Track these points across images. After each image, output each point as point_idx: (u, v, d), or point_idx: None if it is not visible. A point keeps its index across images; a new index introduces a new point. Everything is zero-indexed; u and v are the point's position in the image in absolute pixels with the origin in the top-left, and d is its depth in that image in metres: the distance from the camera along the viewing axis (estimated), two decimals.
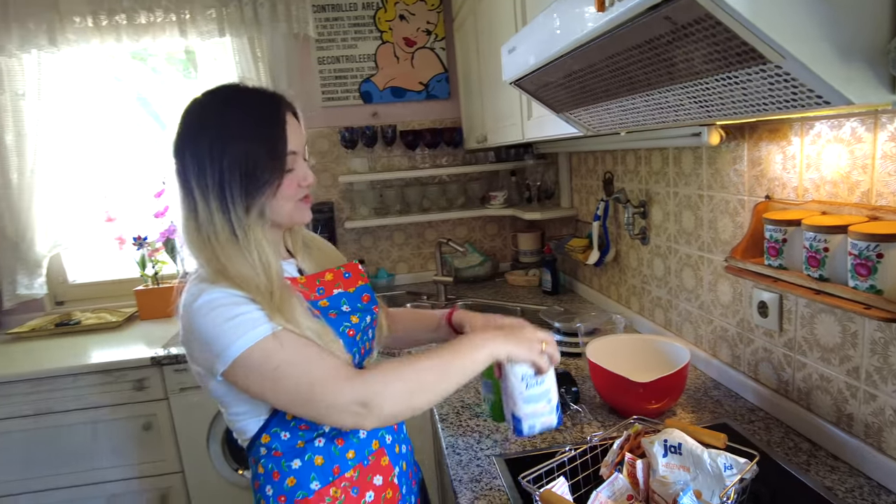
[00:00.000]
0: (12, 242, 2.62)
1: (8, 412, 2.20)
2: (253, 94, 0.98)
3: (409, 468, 1.15)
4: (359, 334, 1.06)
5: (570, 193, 2.47)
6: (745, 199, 1.32)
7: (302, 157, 1.01)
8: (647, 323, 1.85)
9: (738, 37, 0.54)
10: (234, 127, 0.93)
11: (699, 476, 0.92)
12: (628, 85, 0.80)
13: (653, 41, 0.64)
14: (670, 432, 0.98)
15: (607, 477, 1.00)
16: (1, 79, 2.48)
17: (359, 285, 1.12)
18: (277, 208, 0.97)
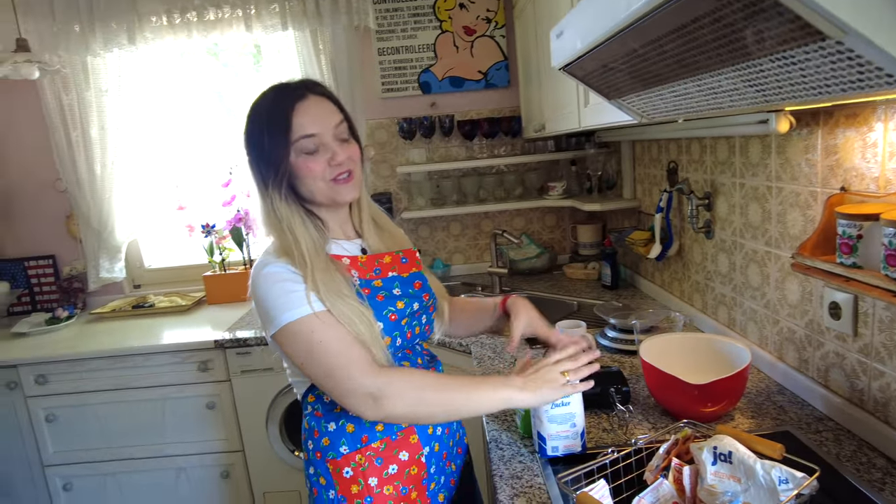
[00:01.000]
0: (95, 230, 2.81)
1: (93, 386, 2.37)
2: (277, 87, 1.09)
3: (444, 450, 1.18)
4: (403, 319, 1.12)
5: (633, 183, 2.38)
6: (817, 190, 1.22)
7: (334, 136, 1.07)
8: (710, 321, 1.75)
9: (792, 11, 0.49)
10: (255, 119, 1.07)
11: (751, 488, 0.86)
12: (678, 69, 0.75)
13: (699, 20, 0.59)
14: (721, 439, 0.92)
15: (651, 482, 0.96)
16: (87, 76, 2.65)
17: (412, 271, 1.20)
18: (309, 187, 1.07)
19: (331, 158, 1.06)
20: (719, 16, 0.56)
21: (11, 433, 2.44)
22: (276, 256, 1.05)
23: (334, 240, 1.15)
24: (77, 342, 2.45)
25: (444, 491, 1.18)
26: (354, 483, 1.08)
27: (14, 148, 2.88)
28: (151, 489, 2.47)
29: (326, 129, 1.06)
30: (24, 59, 2.30)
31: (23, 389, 2.39)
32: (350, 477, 1.09)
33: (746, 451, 0.89)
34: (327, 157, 1.06)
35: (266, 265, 1.04)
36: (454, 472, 1.22)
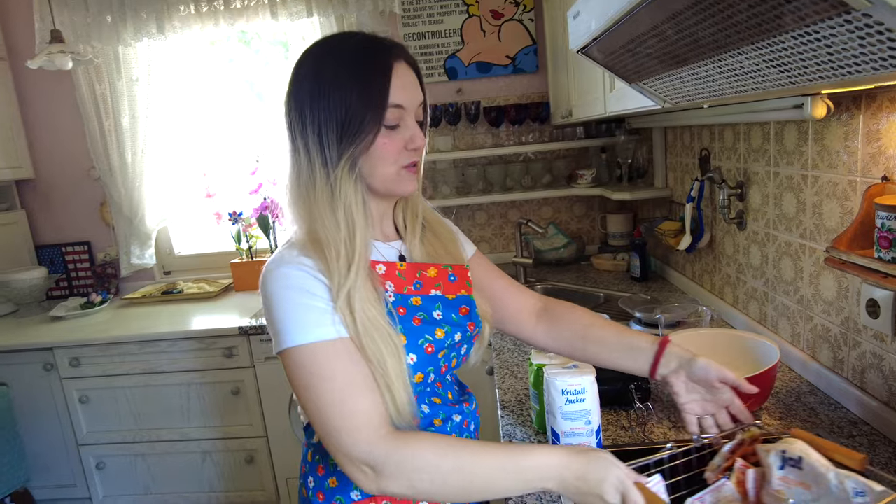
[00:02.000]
0: (127, 217, 2.87)
1: (123, 369, 2.43)
2: (358, 39, 0.89)
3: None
4: (441, 351, 0.93)
5: (665, 172, 2.29)
6: (856, 180, 1.14)
7: (414, 116, 0.90)
8: (741, 317, 1.68)
9: None
10: (332, 73, 0.85)
11: (822, 498, 0.80)
12: (696, 48, 0.70)
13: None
14: (791, 443, 0.85)
15: (712, 482, 0.91)
16: (119, 66, 2.69)
17: (460, 294, 0.98)
18: (376, 169, 0.88)
19: (409, 141, 0.88)
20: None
21: (49, 413, 2.53)
22: (302, 251, 0.86)
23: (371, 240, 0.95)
24: (109, 327, 2.51)
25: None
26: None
27: (52, 137, 2.96)
28: (179, 471, 2.53)
29: (412, 104, 0.88)
30: (58, 49, 2.35)
31: (58, 371, 2.47)
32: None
33: (819, 457, 0.82)
34: (406, 137, 0.88)
35: (285, 263, 0.85)
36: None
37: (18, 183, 3.01)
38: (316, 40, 0.93)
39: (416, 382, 0.91)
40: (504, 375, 1.57)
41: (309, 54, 0.90)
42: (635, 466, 0.87)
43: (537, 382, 1.23)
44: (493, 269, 1.16)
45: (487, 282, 1.13)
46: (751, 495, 0.86)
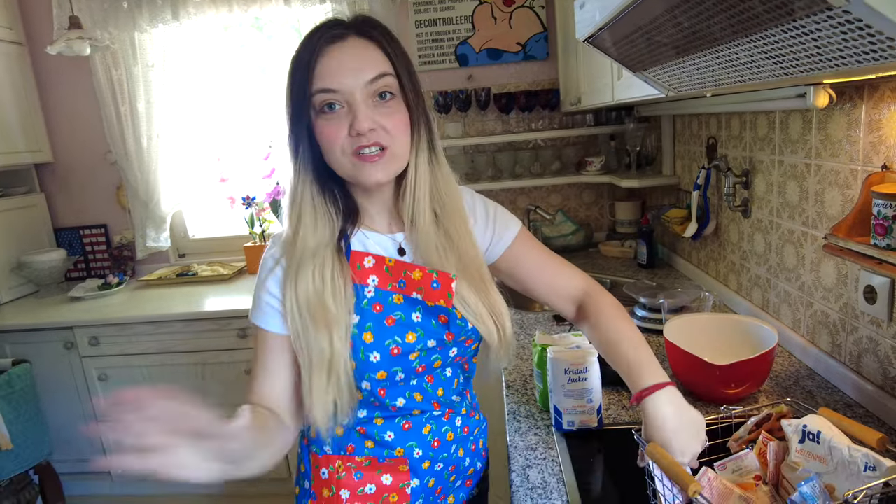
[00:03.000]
0: (143, 201, 2.93)
1: (140, 349, 2.50)
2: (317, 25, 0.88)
3: (440, 484, 1.04)
4: (412, 353, 0.92)
5: (673, 159, 2.31)
6: (857, 168, 1.16)
7: (366, 94, 0.84)
8: (744, 303, 1.71)
9: None
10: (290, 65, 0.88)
11: (836, 471, 0.83)
12: (694, 40, 0.72)
13: None
14: (812, 419, 0.90)
15: (735, 451, 0.96)
16: (135, 52, 2.74)
17: (439, 303, 0.93)
18: (329, 158, 0.88)
19: (352, 124, 0.83)
20: None
21: (69, 390, 2.61)
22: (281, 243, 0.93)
23: (365, 230, 0.95)
24: (126, 307, 2.58)
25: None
26: (327, 487, 0.98)
27: (70, 122, 3.02)
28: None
29: (356, 84, 0.82)
30: (76, 35, 2.40)
31: (78, 350, 2.55)
32: (325, 479, 0.99)
33: (837, 433, 0.86)
34: (347, 122, 0.84)
35: (267, 251, 0.94)
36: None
37: (37, 167, 3.08)
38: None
39: (380, 379, 0.91)
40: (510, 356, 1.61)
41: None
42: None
43: (541, 362, 1.27)
44: (534, 250, 1.09)
45: (526, 267, 1.08)
46: (770, 466, 0.90)
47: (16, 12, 2.89)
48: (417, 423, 0.99)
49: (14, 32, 2.88)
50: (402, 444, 0.99)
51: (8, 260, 2.84)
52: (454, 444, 1.04)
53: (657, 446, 0.88)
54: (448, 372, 1.00)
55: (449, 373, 1.01)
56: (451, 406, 1.04)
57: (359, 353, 0.89)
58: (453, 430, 1.04)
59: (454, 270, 0.93)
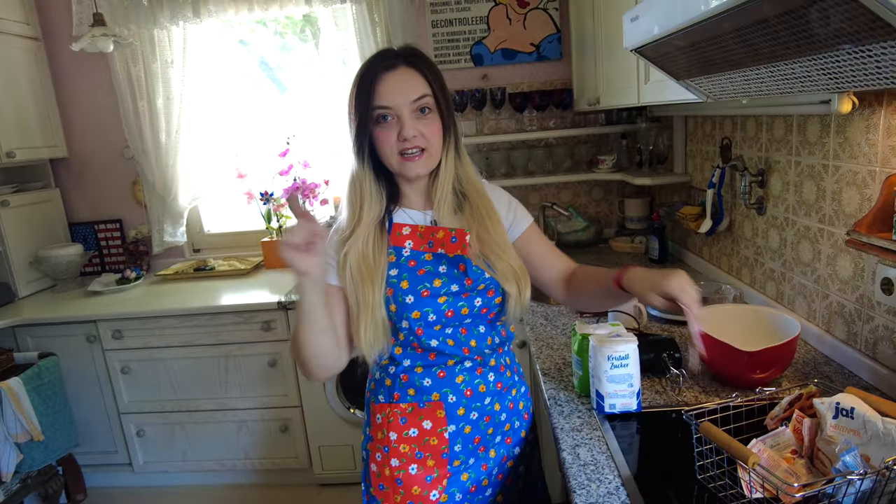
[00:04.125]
0: (160, 196, 2.97)
1: (163, 342, 2.55)
2: (375, 54, 1.15)
3: (477, 434, 1.20)
4: (440, 297, 1.14)
5: (684, 159, 2.41)
6: (876, 170, 1.25)
7: (410, 110, 1.10)
8: (758, 295, 1.80)
9: (872, 11, 0.55)
10: (354, 83, 1.14)
11: (870, 442, 0.92)
12: (754, 56, 0.81)
13: (783, 15, 0.65)
14: (845, 397, 0.98)
15: (771, 428, 1.06)
16: (154, 48, 2.78)
17: (457, 254, 1.16)
18: (383, 157, 1.14)
19: (400, 132, 1.09)
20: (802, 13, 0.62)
21: (92, 382, 2.66)
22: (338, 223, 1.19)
23: (404, 208, 1.21)
24: (147, 301, 2.63)
25: (471, 472, 1.22)
26: (380, 430, 1.21)
27: (85, 117, 3.05)
28: (215, 439, 2.67)
29: (402, 103, 1.08)
30: (101, 33, 2.43)
31: (101, 343, 2.59)
32: (379, 423, 1.21)
33: (869, 408, 0.95)
34: (396, 130, 1.10)
35: (334, 229, 1.19)
36: (491, 459, 1.24)
37: (53, 162, 3.10)
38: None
39: (415, 318, 1.14)
40: (541, 347, 1.70)
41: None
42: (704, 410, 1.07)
43: (581, 350, 1.35)
44: (541, 241, 1.35)
45: (534, 251, 1.32)
46: (805, 441, 0.99)
47: (32, 8, 2.91)
48: (451, 372, 1.18)
49: (31, 28, 2.90)
50: (438, 390, 1.18)
51: (26, 254, 2.87)
52: (487, 396, 1.21)
53: (711, 425, 0.97)
54: (481, 329, 1.20)
55: (482, 329, 1.20)
56: (484, 359, 1.22)
57: (398, 297, 1.13)
58: (485, 383, 1.21)
59: (473, 231, 1.18)
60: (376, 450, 1.21)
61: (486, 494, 1.25)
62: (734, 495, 0.97)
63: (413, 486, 1.18)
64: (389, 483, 1.19)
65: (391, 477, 1.18)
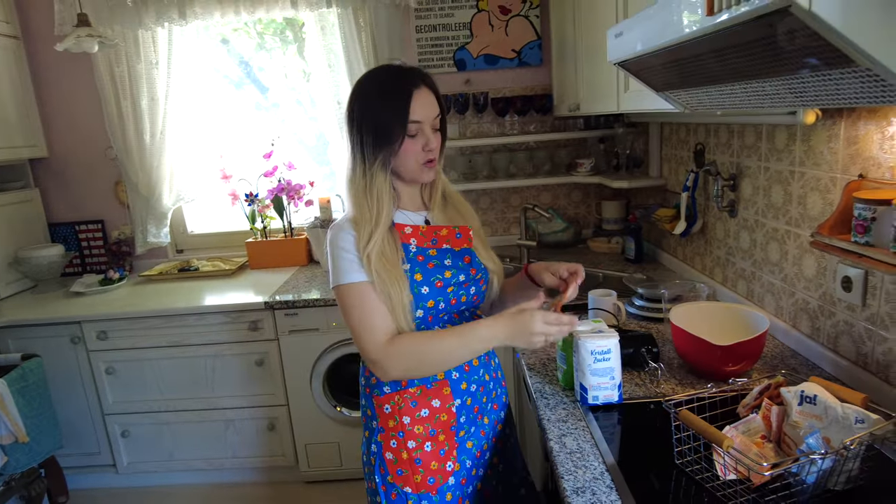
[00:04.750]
0: (144, 197, 2.97)
1: (150, 342, 2.56)
2: (391, 71, 1.25)
3: (476, 404, 1.34)
4: (449, 287, 1.28)
5: (660, 163, 2.51)
6: (837, 176, 1.36)
7: (431, 126, 1.23)
8: (730, 293, 1.91)
9: (833, 45, 0.63)
10: (371, 98, 1.22)
11: (831, 426, 1.01)
12: (731, 74, 0.89)
13: (756, 41, 0.73)
14: (809, 385, 1.08)
15: (743, 416, 1.15)
16: (138, 49, 2.78)
17: (463, 247, 1.33)
18: (404, 166, 1.24)
19: (425, 144, 1.22)
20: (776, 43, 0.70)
21: (75, 384, 2.65)
22: (350, 223, 1.24)
23: (402, 210, 1.31)
24: (132, 302, 2.63)
25: (474, 440, 1.34)
26: (391, 418, 1.28)
27: (66, 117, 3.03)
28: (202, 438, 2.69)
29: (428, 118, 1.22)
30: (86, 33, 2.43)
31: (86, 344, 2.59)
32: (389, 413, 1.28)
33: (829, 395, 1.04)
34: (423, 142, 1.22)
35: (340, 230, 1.24)
36: (486, 426, 1.37)
37: (32, 162, 3.08)
38: (368, 70, 1.31)
39: (430, 307, 1.26)
40: None
41: (362, 81, 1.26)
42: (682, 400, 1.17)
43: (566, 346, 1.43)
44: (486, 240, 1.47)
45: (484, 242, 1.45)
46: (774, 427, 1.08)
47: (12, 6, 2.88)
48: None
49: (11, 26, 2.87)
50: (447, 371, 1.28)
51: (5, 255, 2.84)
52: (480, 368, 1.36)
53: (688, 413, 1.05)
54: (467, 314, 1.35)
55: (467, 314, 1.36)
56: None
57: (413, 288, 1.23)
58: (477, 358, 1.35)
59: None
60: (390, 438, 1.28)
61: (487, 457, 1.38)
62: (710, 477, 1.06)
63: (431, 462, 1.28)
64: (408, 466, 1.27)
65: (409, 459, 1.27)
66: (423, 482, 1.27)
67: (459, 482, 1.32)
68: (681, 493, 1.05)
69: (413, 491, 1.27)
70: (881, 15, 0.59)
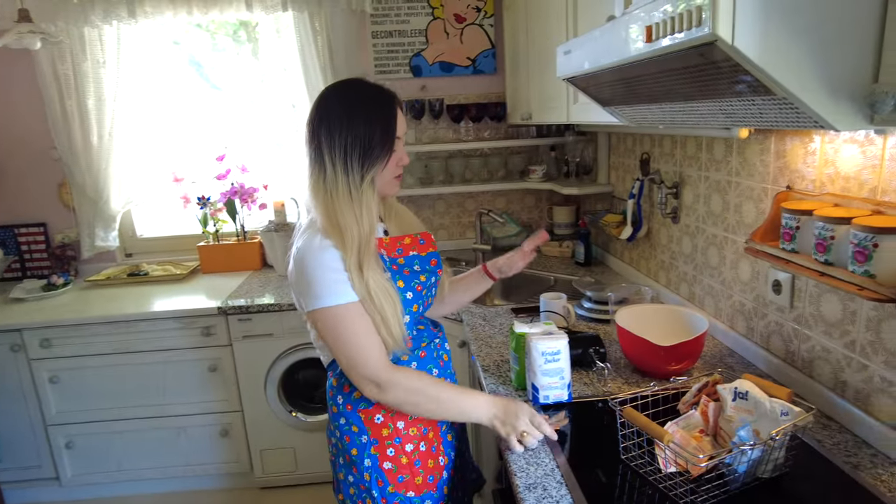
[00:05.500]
0: (91, 199, 2.89)
1: (97, 349, 2.49)
2: (376, 89, 1.26)
3: None
4: (425, 290, 1.33)
5: (608, 170, 2.61)
6: (768, 187, 1.46)
7: (403, 142, 1.28)
8: (673, 296, 2.01)
9: (754, 77, 0.70)
10: (359, 111, 1.20)
11: (761, 419, 1.10)
12: (669, 94, 0.96)
13: (690, 67, 0.80)
14: (741, 382, 1.16)
15: (684, 412, 1.22)
16: (84, 47, 2.70)
17: (429, 251, 1.37)
18: (385, 178, 1.26)
19: (400, 159, 1.27)
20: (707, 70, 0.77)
21: (14, 394, 2.55)
22: (324, 235, 1.18)
23: None
24: (78, 308, 2.55)
25: (452, 432, 1.42)
26: (385, 427, 1.28)
27: (4, 116, 2.91)
28: (152, 447, 2.63)
29: (403, 134, 1.28)
30: (27, 29, 2.35)
31: (27, 352, 2.50)
32: (381, 422, 1.28)
33: (760, 391, 1.13)
34: (398, 157, 1.26)
35: (322, 250, 1.17)
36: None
37: None
38: (338, 81, 1.28)
39: (414, 311, 1.30)
40: (480, 345, 1.83)
41: (335, 91, 1.24)
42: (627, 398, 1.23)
43: (518, 347, 1.48)
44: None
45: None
46: (711, 421, 1.16)
47: None
48: (428, 350, 1.36)
49: None
50: (424, 367, 1.33)
51: None
52: (449, 361, 1.44)
53: (632, 410, 1.12)
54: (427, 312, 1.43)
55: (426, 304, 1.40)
56: (440, 337, 1.43)
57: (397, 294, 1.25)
58: (446, 352, 1.44)
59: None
60: (386, 448, 1.28)
61: (458, 444, 1.46)
62: (652, 471, 1.13)
63: (428, 461, 1.33)
64: (408, 469, 1.30)
65: (409, 463, 1.30)
66: (424, 482, 1.32)
67: (449, 475, 1.38)
68: (626, 486, 1.11)
69: (416, 494, 1.30)
70: (796, 53, 0.66)
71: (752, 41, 0.65)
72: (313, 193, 1.22)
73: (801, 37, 0.67)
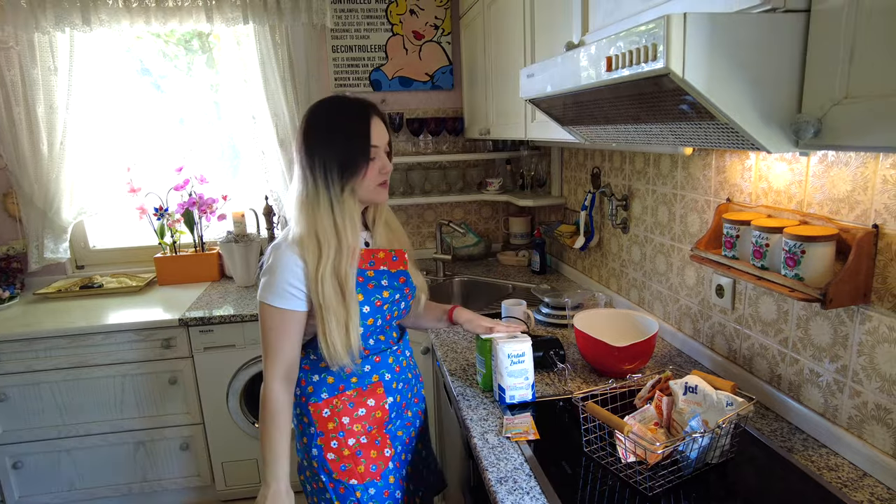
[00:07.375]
0: (40, 210, 2.80)
1: (49, 364, 2.42)
2: (350, 103, 1.31)
3: (403, 400, 1.49)
4: (385, 305, 1.39)
5: (561, 183, 2.74)
6: (710, 199, 1.60)
7: (383, 150, 1.32)
8: (624, 301, 2.14)
9: (700, 104, 0.80)
10: (335, 128, 1.28)
11: (709, 410, 1.21)
12: (624, 117, 1.06)
13: (645, 94, 0.90)
14: (691, 378, 1.27)
15: (639, 406, 1.33)
16: (34, 54, 2.63)
17: (399, 269, 1.43)
18: (364, 188, 1.30)
19: (382, 167, 1.31)
20: (660, 97, 0.87)
21: None
22: (296, 244, 1.28)
23: None
24: (26, 322, 2.47)
25: (402, 429, 1.50)
26: (331, 421, 1.38)
27: None
28: (109, 463, 2.56)
29: (382, 142, 1.32)
30: None
31: None
32: (328, 416, 1.38)
33: (707, 385, 1.24)
34: (379, 165, 1.31)
35: (288, 257, 1.27)
36: (410, 417, 1.53)
37: None
38: (321, 100, 1.34)
39: (369, 324, 1.36)
40: (446, 351, 1.90)
41: (317, 111, 1.31)
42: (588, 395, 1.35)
43: (484, 351, 1.56)
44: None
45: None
46: (665, 414, 1.26)
47: None
48: (384, 356, 1.44)
49: None
50: (377, 372, 1.42)
51: None
52: (407, 369, 1.51)
53: (594, 404, 1.21)
54: (395, 324, 1.50)
55: (396, 324, 1.51)
56: (399, 345, 1.50)
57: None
58: (405, 359, 1.51)
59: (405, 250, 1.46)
60: (330, 440, 1.38)
61: (415, 444, 1.55)
62: (613, 461, 1.22)
63: (370, 451, 1.41)
64: (350, 459, 1.39)
65: (351, 454, 1.39)
66: (367, 471, 1.40)
67: (395, 465, 1.45)
68: (589, 475, 1.20)
69: (359, 482, 1.39)
70: (736, 86, 0.78)
71: (700, 74, 0.76)
72: (297, 206, 1.31)
73: (740, 72, 0.78)
